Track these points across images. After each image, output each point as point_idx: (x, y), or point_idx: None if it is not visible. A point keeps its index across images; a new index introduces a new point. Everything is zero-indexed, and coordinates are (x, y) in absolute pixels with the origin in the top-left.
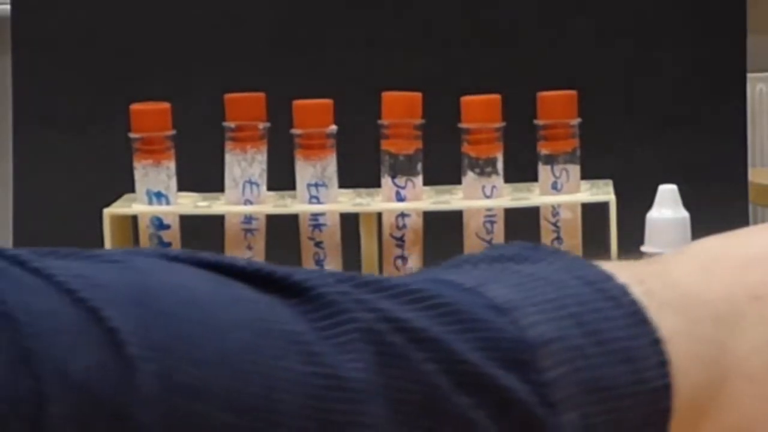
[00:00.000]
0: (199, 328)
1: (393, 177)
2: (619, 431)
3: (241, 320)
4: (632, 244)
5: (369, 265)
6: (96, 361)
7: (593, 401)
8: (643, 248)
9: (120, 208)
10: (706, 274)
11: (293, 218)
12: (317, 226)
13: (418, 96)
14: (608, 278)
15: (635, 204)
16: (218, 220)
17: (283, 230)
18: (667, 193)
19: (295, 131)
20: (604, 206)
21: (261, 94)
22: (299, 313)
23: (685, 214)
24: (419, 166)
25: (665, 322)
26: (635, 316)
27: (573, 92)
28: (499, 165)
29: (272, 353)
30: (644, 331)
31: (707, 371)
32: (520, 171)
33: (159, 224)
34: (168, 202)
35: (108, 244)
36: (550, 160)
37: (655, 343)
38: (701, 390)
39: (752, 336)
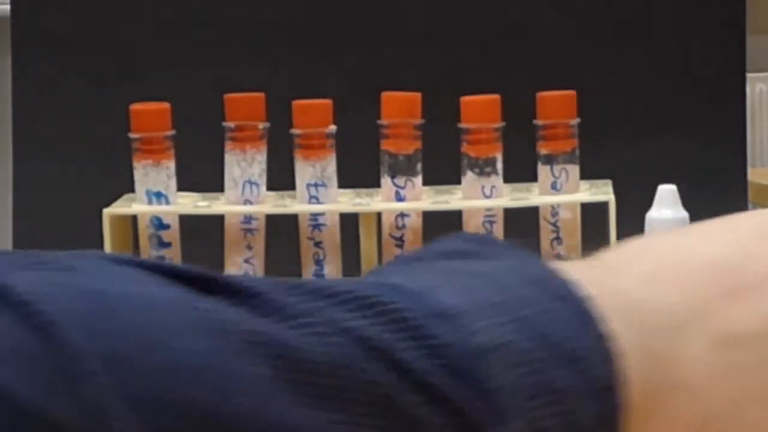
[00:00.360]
0: (154, 335)
1: (392, 177)
2: (573, 431)
3: (195, 324)
4: None
5: (368, 265)
6: (48, 381)
7: (541, 405)
8: None
9: (120, 208)
10: (650, 283)
11: (293, 218)
12: (317, 226)
13: (417, 96)
14: (554, 276)
15: (634, 204)
16: (218, 220)
17: (282, 230)
18: (667, 193)
19: (294, 131)
20: (603, 206)
21: (261, 94)
22: (251, 317)
23: (684, 214)
24: (419, 166)
25: (610, 326)
26: (582, 315)
27: (572, 92)
28: (499, 165)
29: (227, 356)
30: (591, 328)
31: (651, 379)
32: (520, 171)
33: (159, 224)
34: (168, 202)
35: (108, 244)
36: (550, 160)
37: (603, 339)
38: (645, 396)
39: (694, 348)
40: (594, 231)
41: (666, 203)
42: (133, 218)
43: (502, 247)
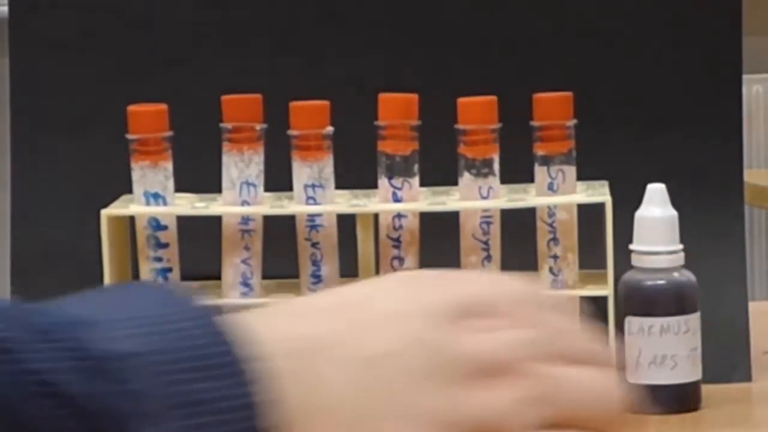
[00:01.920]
0: None
1: (390, 178)
2: None
3: None
4: (628, 245)
5: (366, 266)
6: None
7: (185, 415)
8: (632, 246)
9: (117, 209)
10: (292, 317)
11: (290, 219)
12: (314, 227)
13: (414, 97)
14: (189, 302)
15: (632, 205)
16: (215, 221)
17: (280, 231)
18: (656, 191)
19: (292, 132)
20: (600, 207)
21: (258, 96)
22: None
23: (673, 213)
24: (416, 167)
25: (256, 349)
26: (221, 336)
27: (569, 93)
28: (496, 166)
29: None
30: (232, 350)
31: (299, 401)
32: (517, 172)
33: (156, 225)
34: (165, 203)
35: (105, 245)
36: (546, 161)
37: (245, 361)
38: (294, 418)
39: (332, 369)
40: (591, 232)
41: (655, 201)
42: (131, 219)
43: (139, 283)
